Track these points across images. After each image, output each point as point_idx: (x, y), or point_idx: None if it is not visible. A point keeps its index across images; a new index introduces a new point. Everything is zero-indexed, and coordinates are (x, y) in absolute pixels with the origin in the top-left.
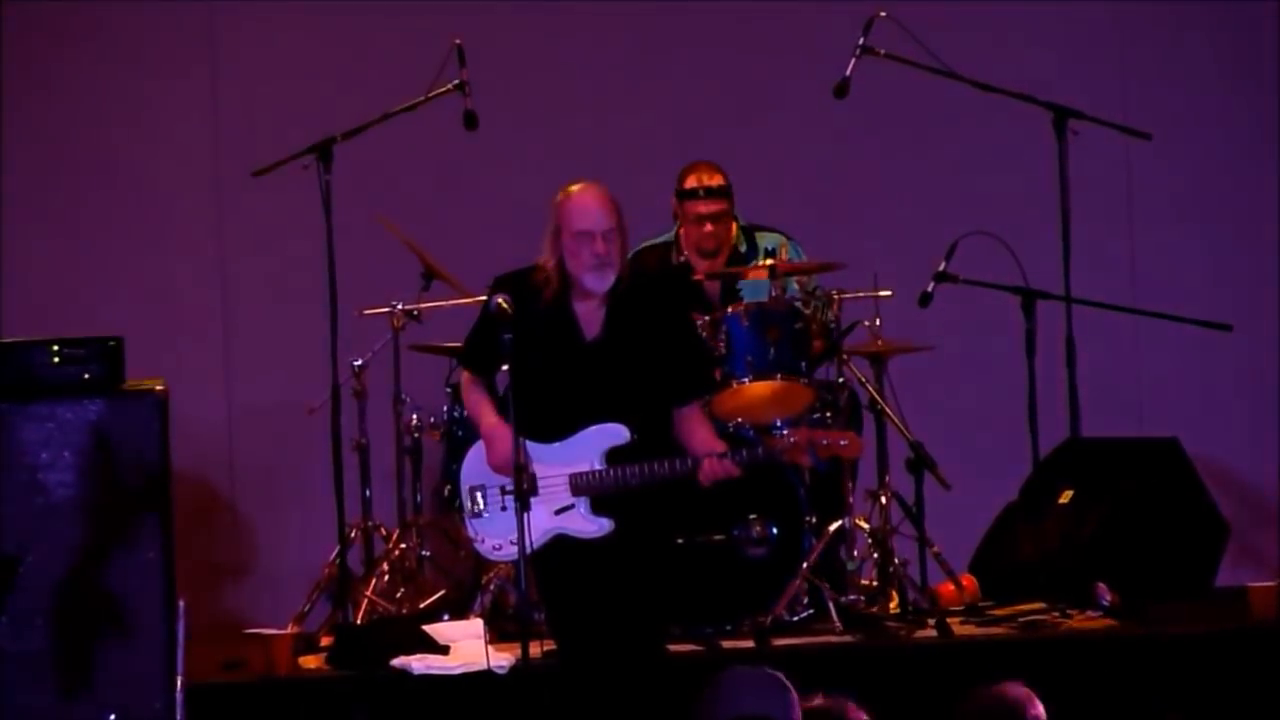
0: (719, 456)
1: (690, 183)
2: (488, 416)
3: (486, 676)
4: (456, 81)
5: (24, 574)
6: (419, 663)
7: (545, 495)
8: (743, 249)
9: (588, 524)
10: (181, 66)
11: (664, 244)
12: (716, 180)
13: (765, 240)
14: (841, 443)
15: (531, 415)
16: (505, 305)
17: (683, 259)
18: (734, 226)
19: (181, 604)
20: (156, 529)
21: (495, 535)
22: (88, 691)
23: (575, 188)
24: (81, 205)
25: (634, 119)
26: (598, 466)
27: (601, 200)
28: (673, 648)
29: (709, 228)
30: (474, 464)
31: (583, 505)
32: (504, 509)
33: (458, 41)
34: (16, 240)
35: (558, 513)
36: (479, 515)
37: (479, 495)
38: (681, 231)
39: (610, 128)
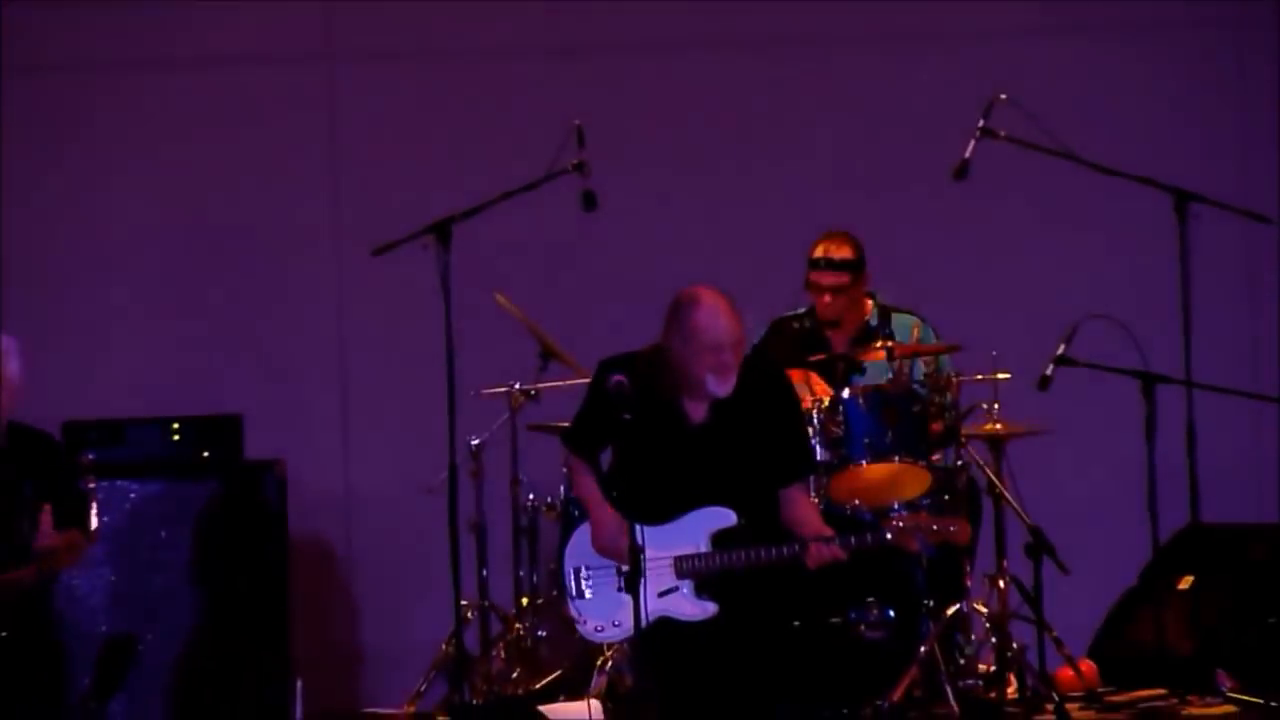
0: (826, 541)
1: (817, 252)
2: (593, 498)
3: None
4: (575, 161)
5: (143, 651)
6: None
7: (650, 577)
8: (873, 324)
9: (692, 607)
10: (301, 144)
11: (802, 314)
12: (843, 253)
13: (899, 320)
14: (951, 529)
15: (637, 498)
16: (625, 385)
17: (814, 327)
18: (869, 303)
19: (298, 683)
20: (274, 607)
21: (597, 616)
22: None
23: (707, 299)
24: (202, 281)
25: (753, 202)
26: (703, 549)
27: (732, 315)
28: None
29: (827, 299)
30: (579, 545)
31: (687, 588)
32: (607, 590)
33: (577, 123)
34: (135, 317)
35: (661, 595)
36: (582, 596)
37: (582, 576)
38: (810, 298)
39: (728, 209)
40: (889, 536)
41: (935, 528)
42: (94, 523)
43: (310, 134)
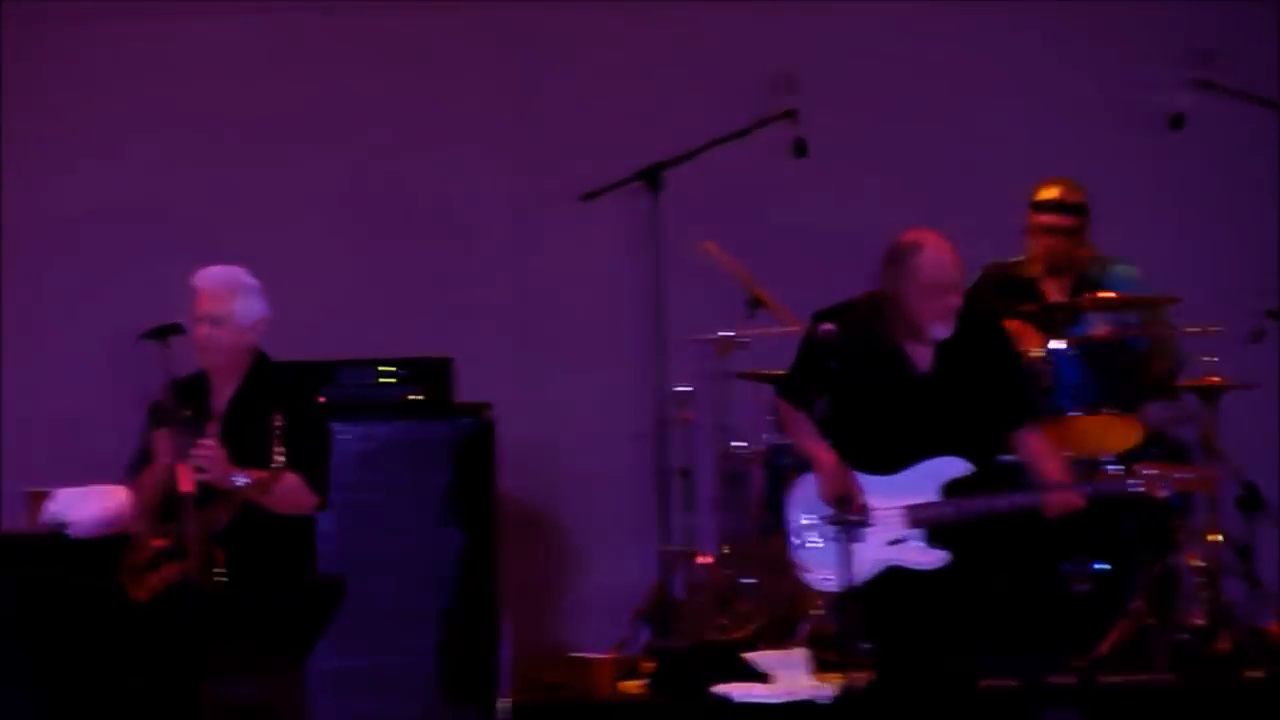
0: (1066, 488)
1: (1043, 194)
2: (817, 448)
3: (808, 706)
4: (786, 109)
5: (350, 594)
6: (739, 690)
7: (879, 527)
8: (1091, 274)
9: (924, 555)
10: (506, 85)
11: (1014, 263)
12: (1072, 197)
13: (1116, 271)
14: (1198, 477)
15: (862, 448)
16: (832, 333)
17: (1030, 276)
18: (1089, 252)
19: (507, 627)
20: (482, 551)
21: (825, 566)
22: (410, 710)
23: (932, 241)
24: (417, 224)
25: (964, 150)
26: (934, 499)
27: (956, 256)
28: (996, 682)
29: (1050, 242)
30: (803, 495)
31: (918, 537)
32: (834, 540)
33: (789, 70)
34: (346, 257)
35: (891, 544)
36: (809, 546)
37: (809, 527)
38: (1029, 244)
39: (939, 157)
40: (1135, 484)
41: (1181, 476)
42: (277, 460)
43: (513, 77)
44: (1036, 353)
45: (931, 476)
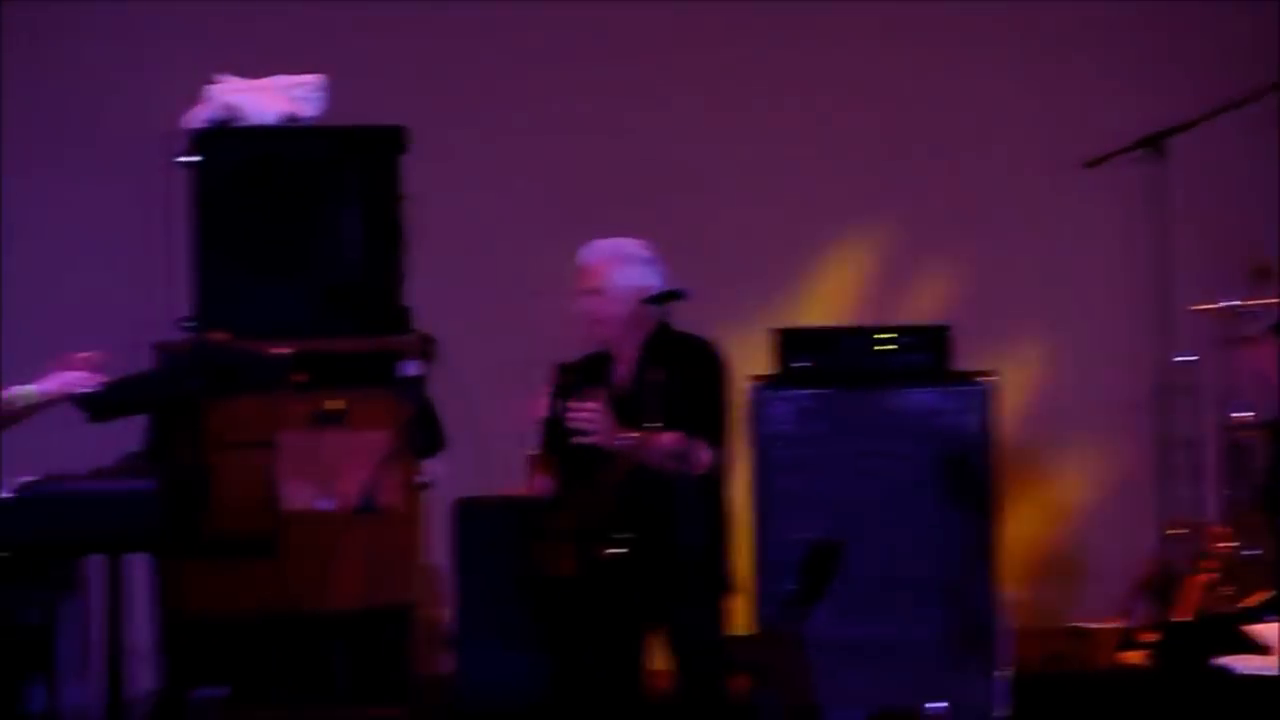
0: None
1: None
2: None
3: None
4: None
5: (850, 561)
6: (1241, 663)
7: None
8: None
9: None
10: (1020, 51)
11: None
12: None
13: None
14: None
15: None
16: None
17: None
18: None
19: (1006, 596)
20: (982, 519)
21: None
22: (911, 680)
23: None
24: (917, 197)
25: None
26: None
27: None
28: None
29: None
30: None
31: None
32: None
33: None
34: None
35: None
36: None
37: None
38: None
39: None
40: None
41: None
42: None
43: (1039, 41)
44: None
45: None
